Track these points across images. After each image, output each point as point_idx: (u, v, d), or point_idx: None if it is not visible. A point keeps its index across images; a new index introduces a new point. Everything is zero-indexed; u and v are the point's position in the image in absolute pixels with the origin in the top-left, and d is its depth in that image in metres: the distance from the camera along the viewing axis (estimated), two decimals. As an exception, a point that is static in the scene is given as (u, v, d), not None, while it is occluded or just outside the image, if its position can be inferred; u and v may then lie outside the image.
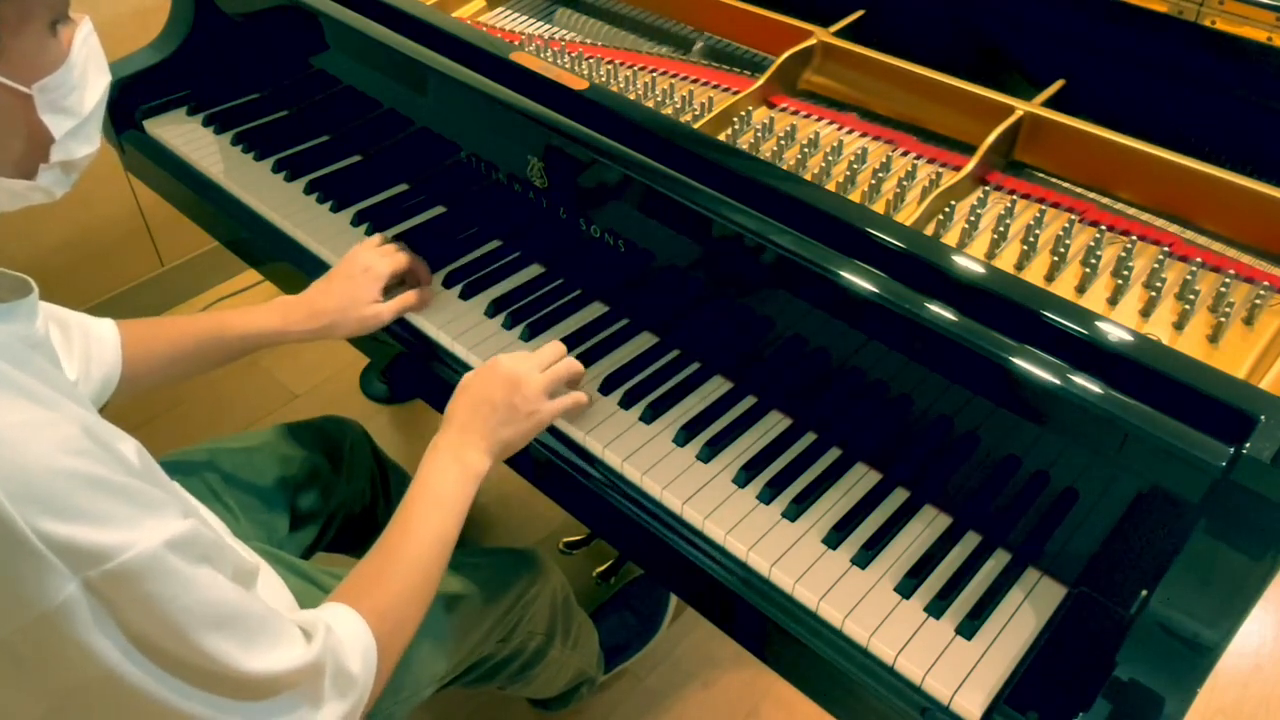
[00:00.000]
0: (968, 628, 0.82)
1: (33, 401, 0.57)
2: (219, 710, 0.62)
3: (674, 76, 1.23)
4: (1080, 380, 0.75)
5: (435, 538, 0.85)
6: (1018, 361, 0.77)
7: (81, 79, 0.66)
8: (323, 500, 1.19)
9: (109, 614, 0.56)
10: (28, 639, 0.55)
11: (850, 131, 1.13)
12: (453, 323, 1.12)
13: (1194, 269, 0.93)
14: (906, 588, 0.86)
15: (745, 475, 0.95)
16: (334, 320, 1.07)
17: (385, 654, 0.77)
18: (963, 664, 0.80)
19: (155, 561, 0.58)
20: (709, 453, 0.97)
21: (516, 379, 0.92)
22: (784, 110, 1.16)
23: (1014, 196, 1.03)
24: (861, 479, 0.96)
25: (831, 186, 1.04)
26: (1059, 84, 1.09)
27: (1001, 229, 0.97)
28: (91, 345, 0.94)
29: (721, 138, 1.10)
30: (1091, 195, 1.03)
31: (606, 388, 1.04)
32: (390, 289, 1.11)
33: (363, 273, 1.09)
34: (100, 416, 0.66)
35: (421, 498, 0.87)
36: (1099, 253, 0.95)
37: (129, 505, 0.58)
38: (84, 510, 0.55)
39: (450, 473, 0.88)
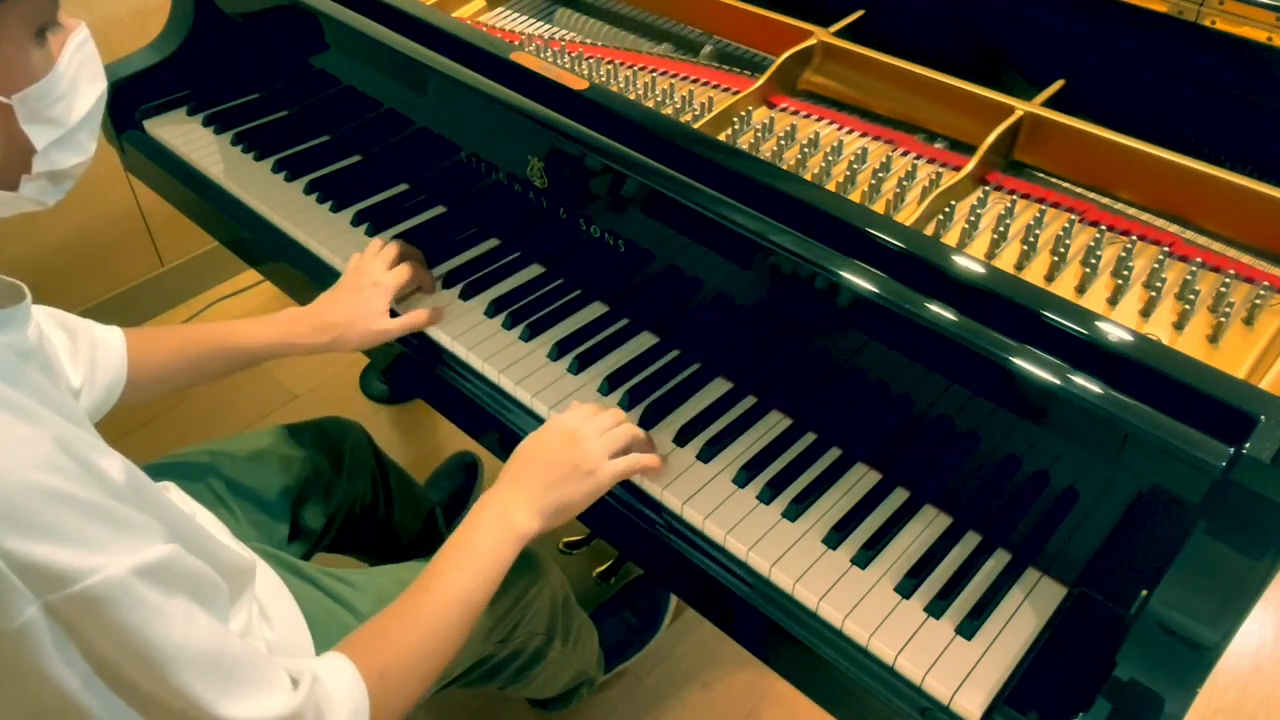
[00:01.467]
0: (968, 628, 0.82)
1: (11, 415, 0.55)
2: None
3: (674, 76, 1.23)
4: (1080, 380, 0.75)
5: (459, 599, 0.81)
6: (1018, 361, 0.77)
7: (70, 88, 0.64)
8: (324, 501, 1.19)
9: (71, 640, 0.54)
10: None
11: (850, 131, 1.13)
12: (453, 323, 1.12)
13: (1194, 269, 0.93)
14: (906, 588, 0.86)
15: (745, 475, 0.95)
16: (340, 335, 1.07)
17: (381, 716, 0.73)
18: (963, 664, 0.80)
19: (123, 589, 0.55)
20: (709, 453, 0.97)
21: (575, 436, 0.90)
22: (784, 110, 1.16)
23: (1014, 196, 1.03)
24: (861, 479, 0.96)
25: (831, 186, 1.04)
26: (1059, 84, 1.09)
27: (1001, 229, 0.97)
28: (98, 352, 0.93)
29: (721, 138, 1.10)
30: (1091, 195, 1.03)
31: (607, 388, 1.04)
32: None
33: (371, 287, 1.08)
34: (93, 429, 0.65)
35: (454, 554, 0.83)
36: (1099, 253, 0.95)
37: (101, 526, 0.55)
38: (51, 529, 0.53)
39: (491, 531, 0.85)
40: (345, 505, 1.23)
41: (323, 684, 0.69)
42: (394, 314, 1.11)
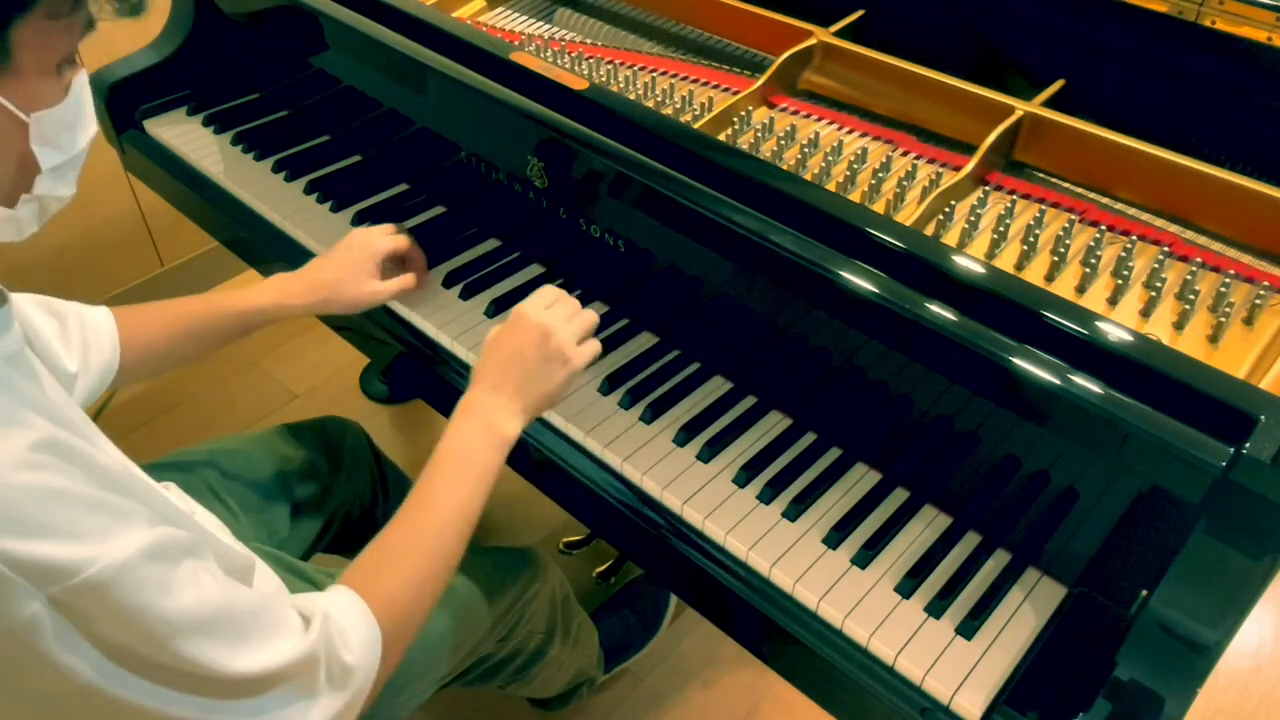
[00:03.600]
0: (968, 628, 0.82)
1: None
2: (208, 711, 0.61)
3: (674, 76, 1.23)
4: (1080, 380, 0.75)
5: (456, 513, 0.81)
6: (1018, 361, 0.77)
7: (76, 119, 0.66)
8: (322, 500, 1.19)
9: (78, 629, 0.55)
10: None
11: (850, 131, 1.13)
12: (453, 323, 1.12)
13: (1194, 269, 0.93)
14: (906, 588, 0.86)
15: (745, 475, 0.95)
16: (332, 293, 1.06)
17: (392, 642, 0.75)
18: (963, 664, 0.80)
19: (124, 573, 0.56)
20: (709, 453, 0.97)
21: (546, 329, 0.89)
22: (784, 110, 1.16)
23: (1014, 196, 1.03)
24: (861, 479, 0.96)
25: (831, 186, 1.04)
26: (1059, 84, 1.09)
27: (1001, 229, 0.97)
28: (89, 334, 0.94)
29: (721, 138, 1.10)
30: (1091, 195, 1.03)
31: (607, 387, 1.04)
32: (389, 273, 1.11)
33: (361, 248, 1.08)
34: (89, 421, 0.65)
35: (445, 467, 0.83)
36: (1099, 253, 0.95)
37: (95, 517, 0.57)
38: (45, 526, 0.54)
39: (477, 439, 0.85)
40: (344, 505, 1.23)
41: (333, 620, 0.71)
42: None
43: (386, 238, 1.10)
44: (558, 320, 0.90)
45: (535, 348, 0.88)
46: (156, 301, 1.02)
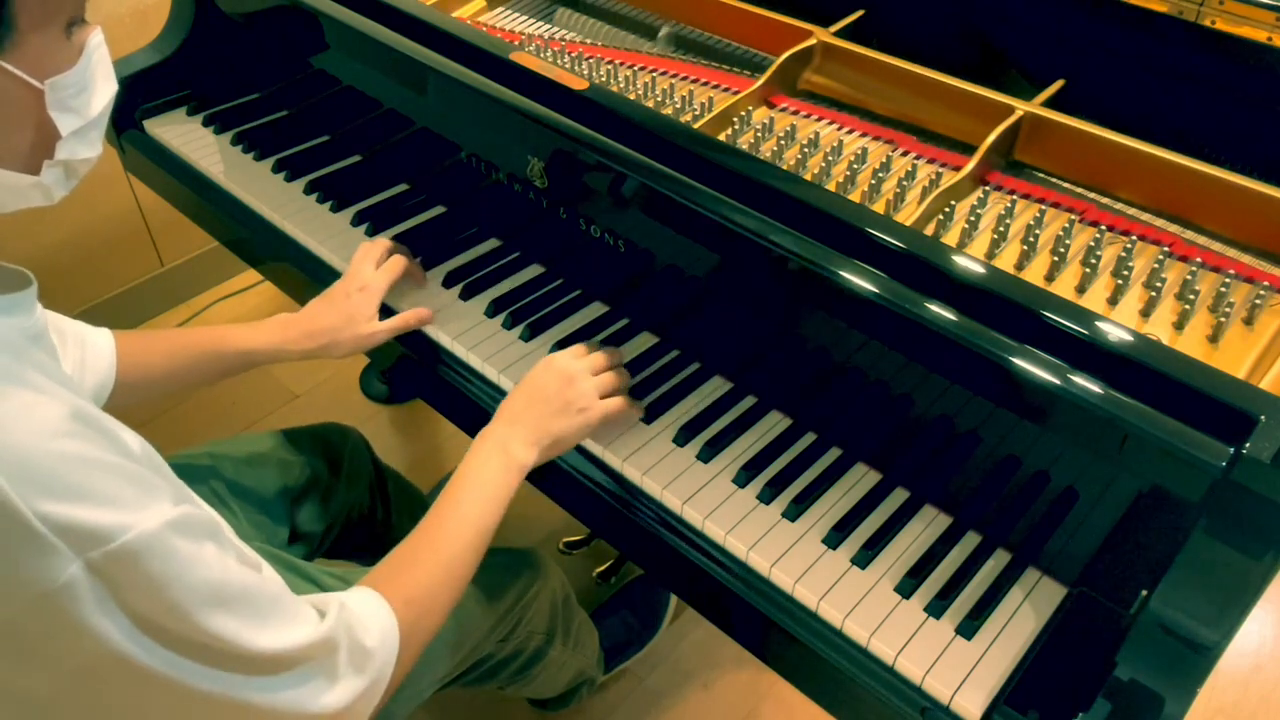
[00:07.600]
0: (968, 628, 0.82)
1: (26, 388, 0.57)
2: (231, 686, 0.62)
3: (674, 76, 1.23)
4: (1080, 380, 0.75)
5: (471, 526, 0.86)
6: (1018, 361, 0.77)
7: (90, 82, 0.67)
8: (322, 506, 1.19)
9: (112, 595, 0.56)
10: (31, 619, 0.55)
11: (850, 131, 1.13)
12: (453, 323, 1.12)
13: (1194, 269, 0.93)
14: (906, 588, 0.86)
15: (745, 475, 0.95)
16: (331, 339, 1.08)
17: (408, 640, 0.77)
18: (963, 664, 0.80)
19: (157, 541, 0.58)
20: (709, 453, 0.97)
21: (570, 374, 0.95)
22: (784, 110, 1.16)
23: (1014, 196, 1.03)
24: (861, 479, 0.96)
25: (831, 186, 1.04)
26: (1059, 84, 1.09)
27: (1001, 229, 0.97)
28: (87, 354, 0.94)
29: (721, 138, 1.10)
30: (1091, 195, 1.03)
31: (606, 388, 1.04)
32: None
33: (359, 291, 1.09)
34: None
35: (462, 486, 0.88)
36: (1099, 253, 0.95)
37: (129, 486, 0.58)
38: (84, 491, 0.55)
39: (493, 462, 0.90)
40: (343, 511, 1.23)
41: (350, 608, 0.72)
42: (391, 311, 1.11)
43: (383, 274, 1.11)
44: (583, 370, 0.96)
45: (556, 390, 0.94)
46: (158, 330, 1.03)
